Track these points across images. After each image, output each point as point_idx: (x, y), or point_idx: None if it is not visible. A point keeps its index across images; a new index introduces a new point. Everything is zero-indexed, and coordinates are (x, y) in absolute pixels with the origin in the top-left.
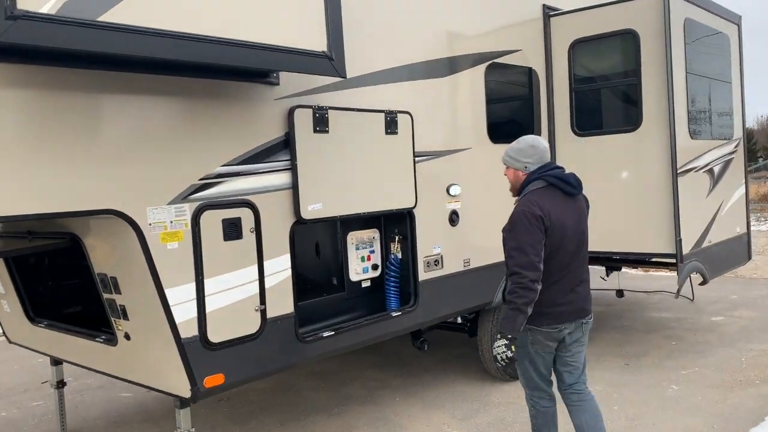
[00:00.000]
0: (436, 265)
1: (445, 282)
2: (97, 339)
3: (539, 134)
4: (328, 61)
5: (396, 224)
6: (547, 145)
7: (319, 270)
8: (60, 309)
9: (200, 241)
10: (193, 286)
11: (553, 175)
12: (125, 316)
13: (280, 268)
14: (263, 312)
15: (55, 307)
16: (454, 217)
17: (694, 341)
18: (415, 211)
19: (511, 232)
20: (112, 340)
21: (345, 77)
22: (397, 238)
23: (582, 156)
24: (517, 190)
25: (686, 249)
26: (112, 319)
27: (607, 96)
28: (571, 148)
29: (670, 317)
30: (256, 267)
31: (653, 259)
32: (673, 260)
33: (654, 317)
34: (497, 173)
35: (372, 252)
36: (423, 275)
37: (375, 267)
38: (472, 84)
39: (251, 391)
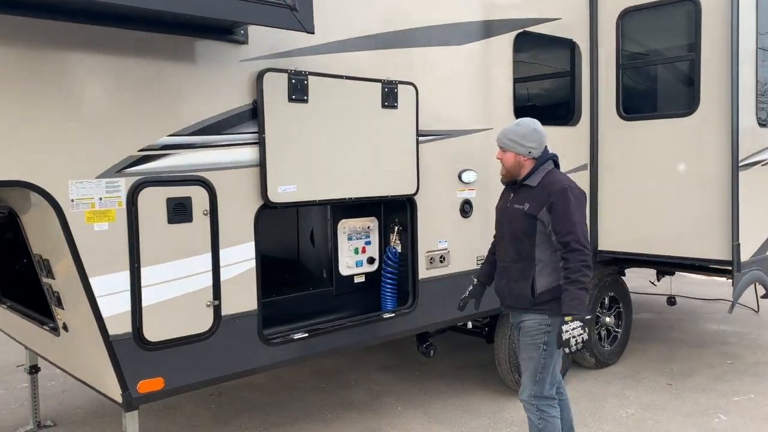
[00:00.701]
0: (441, 261)
1: (452, 281)
2: (44, 327)
3: (579, 117)
4: (290, 12)
5: (396, 213)
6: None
7: (305, 261)
8: (21, 290)
9: (137, 223)
10: (126, 275)
11: (555, 157)
12: (60, 304)
13: (240, 257)
14: (217, 308)
15: (18, 288)
16: (466, 208)
17: (753, 361)
18: (416, 198)
19: (566, 207)
20: (56, 329)
21: (311, 32)
22: (396, 228)
23: (628, 143)
24: (515, 174)
25: (745, 256)
26: (52, 306)
27: (660, 75)
28: (616, 133)
29: (729, 331)
30: (209, 256)
31: (708, 266)
32: (729, 268)
33: (709, 330)
34: None
35: (368, 243)
36: (424, 273)
37: (371, 261)
38: (496, 55)
39: (245, 387)
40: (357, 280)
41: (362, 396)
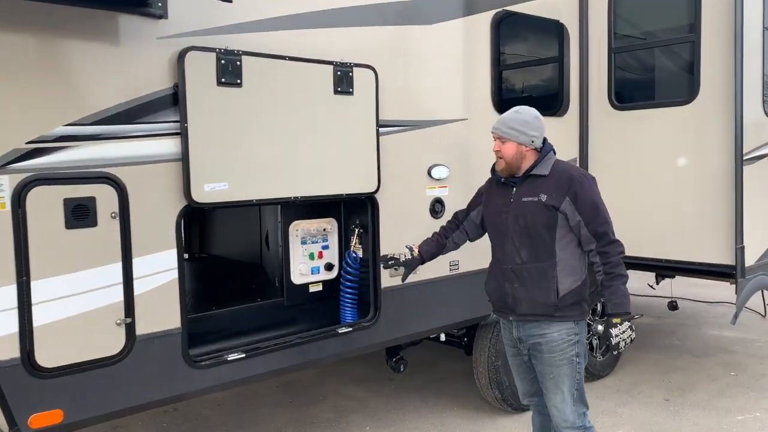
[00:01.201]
0: None
1: (422, 290)
2: None
3: (567, 107)
4: None
5: (358, 213)
6: None
7: (267, 266)
8: None
9: (26, 228)
10: (12, 290)
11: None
12: None
13: (159, 267)
14: (129, 327)
15: None
16: (437, 207)
17: (759, 373)
18: (377, 197)
19: (595, 195)
20: None
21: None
22: (356, 231)
23: (620, 134)
24: (515, 167)
25: (750, 259)
26: None
27: (656, 59)
28: (608, 124)
29: (734, 337)
30: (119, 266)
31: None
32: (732, 272)
33: (713, 336)
34: None
35: (325, 248)
36: (388, 280)
37: (329, 267)
38: (472, 36)
39: (204, 402)
40: (313, 289)
41: (328, 414)
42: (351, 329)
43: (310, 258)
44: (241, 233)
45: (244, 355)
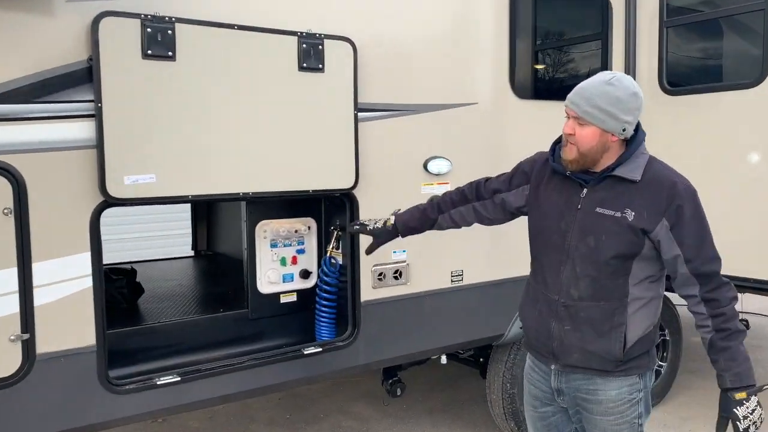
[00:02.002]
0: (396, 278)
1: (413, 304)
2: None
3: None
4: None
5: (339, 213)
6: None
7: (213, 274)
8: None
9: None
10: None
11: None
12: None
13: (67, 275)
14: (27, 344)
15: None
16: None
17: None
18: (356, 193)
19: (702, 219)
20: None
21: None
22: (335, 233)
23: (674, 124)
24: (592, 161)
25: None
26: None
27: (716, 35)
28: (658, 112)
29: None
30: (14, 272)
31: None
32: None
33: None
34: (526, 142)
35: (300, 252)
36: (370, 293)
37: (305, 275)
38: (485, 4)
39: (193, 415)
40: (285, 299)
41: None
42: (320, 350)
43: (281, 263)
44: (234, 230)
45: (178, 379)
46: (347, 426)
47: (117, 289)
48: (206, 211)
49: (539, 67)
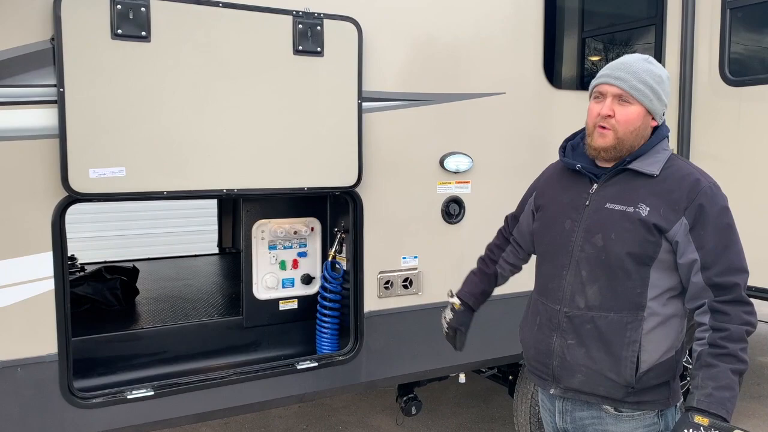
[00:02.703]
0: (406, 287)
1: (426, 317)
2: None
3: None
4: None
5: (344, 213)
6: None
7: (229, 274)
8: None
9: None
10: None
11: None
12: None
13: (25, 276)
14: None
15: None
16: (453, 209)
17: None
18: (360, 192)
19: (727, 223)
20: None
21: None
22: (338, 235)
23: (738, 119)
24: (628, 145)
25: None
26: None
27: None
28: (719, 105)
29: None
30: None
31: None
32: None
33: None
34: (563, 137)
35: (302, 255)
36: (375, 303)
37: (307, 280)
38: None
39: (205, 424)
40: (285, 306)
41: None
42: (316, 364)
43: (280, 267)
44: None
45: (151, 393)
46: None
47: (110, 289)
48: (232, 207)
49: (581, 54)
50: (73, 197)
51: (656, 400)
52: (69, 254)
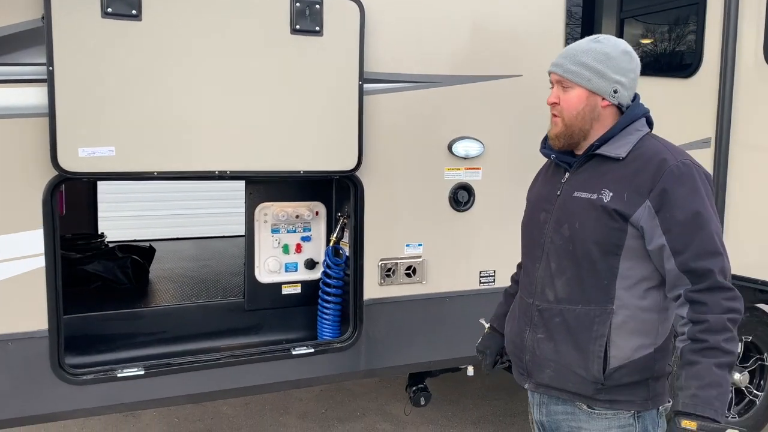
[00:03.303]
0: (409, 275)
1: (431, 307)
2: None
3: (699, 64)
4: None
5: (348, 197)
6: None
7: (231, 259)
8: None
9: None
10: None
11: (648, 113)
12: None
13: (13, 253)
14: None
15: None
16: (461, 196)
17: None
18: (360, 176)
19: (696, 203)
20: None
21: None
22: (341, 220)
23: None
24: (579, 133)
25: None
26: None
27: None
28: (763, 88)
29: None
30: None
31: None
32: None
33: None
34: None
35: (306, 239)
36: (376, 290)
37: (310, 265)
38: None
39: (226, 404)
40: (287, 290)
41: None
42: (313, 350)
43: (283, 251)
44: None
45: (142, 372)
46: (381, 429)
47: (120, 268)
48: None
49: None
50: (63, 176)
51: (631, 400)
52: (99, 232)
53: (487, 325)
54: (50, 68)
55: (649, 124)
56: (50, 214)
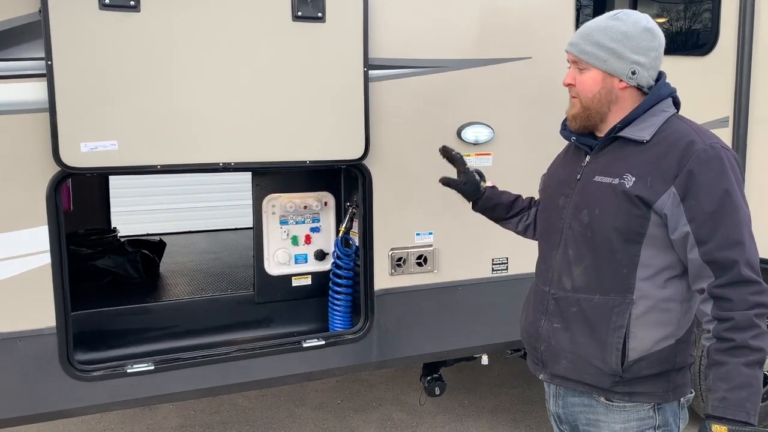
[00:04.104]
0: (420, 264)
1: (443, 296)
2: None
3: (715, 41)
4: None
5: (357, 187)
6: None
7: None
8: None
9: None
10: None
11: (675, 93)
12: None
13: (19, 251)
14: None
15: None
16: None
17: None
18: (367, 164)
19: (725, 191)
20: None
21: None
22: (350, 210)
23: None
24: (597, 115)
25: None
26: None
27: None
28: None
29: None
30: None
31: None
32: None
33: None
34: None
35: (315, 230)
36: (387, 280)
37: (320, 256)
38: None
39: (241, 396)
40: (297, 282)
41: (371, 427)
42: (324, 343)
43: (293, 243)
44: None
45: (152, 368)
46: (397, 419)
47: (131, 262)
48: None
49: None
50: (66, 171)
51: (652, 392)
52: (112, 227)
53: (488, 185)
54: (49, 63)
55: (676, 104)
56: (54, 210)
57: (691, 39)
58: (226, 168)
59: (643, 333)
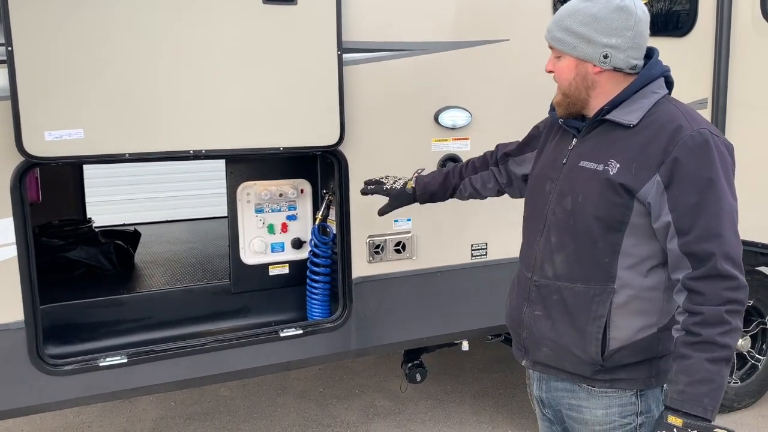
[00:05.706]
0: (398, 251)
1: (422, 283)
2: None
3: (694, 21)
4: None
5: (332, 173)
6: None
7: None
8: None
9: None
10: None
11: (668, 72)
12: None
13: None
14: None
15: None
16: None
17: None
18: (342, 150)
19: (710, 179)
20: None
21: None
22: (327, 197)
23: None
24: (577, 102)
25: None
26: None
27: None
28: (762, 47)
29: None
30: None
31: None
32: None
33: None
34: None
35: (291, 218)
36: (365, 268)
37: (297, 244)
38: None
39: (223, 386)
40: (275, 271)
41: (353, 414)
42: (302, 332)
43: (269, 231)
44: None
45: (125, 360)
46: (380, 406)
47: (104, 253)
48: None
49: None
50: (31, 161)
51: (634, 378)
52: (87, 217)
53: (413, 184)
54: (9, 48)
55: (668, 84)
56: (20, 201)
57: (669, 20)
58: (197, 156)
59: (624, 322)
